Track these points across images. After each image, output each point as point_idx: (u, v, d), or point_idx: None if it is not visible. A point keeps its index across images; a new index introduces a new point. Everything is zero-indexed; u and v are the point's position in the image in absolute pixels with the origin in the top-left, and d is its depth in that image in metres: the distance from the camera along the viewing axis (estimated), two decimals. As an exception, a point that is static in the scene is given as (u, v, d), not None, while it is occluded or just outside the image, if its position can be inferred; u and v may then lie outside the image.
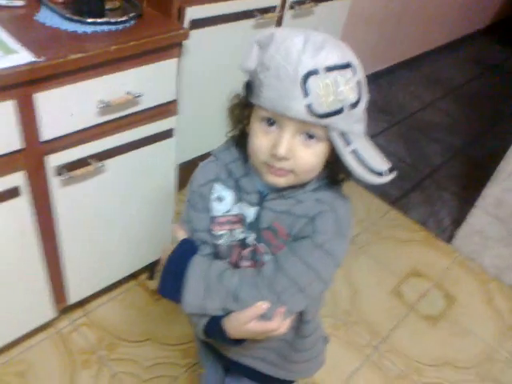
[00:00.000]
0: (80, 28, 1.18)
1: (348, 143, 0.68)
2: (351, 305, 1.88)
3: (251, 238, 0.80)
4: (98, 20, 1.19)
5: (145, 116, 1.30)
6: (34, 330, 1.52)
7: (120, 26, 1.21)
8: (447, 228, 2.31)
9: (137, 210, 1.47)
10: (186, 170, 1.44)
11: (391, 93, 3.32)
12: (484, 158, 2.70)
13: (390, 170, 0.71)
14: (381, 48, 3.17)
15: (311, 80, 0.63)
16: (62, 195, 1.23)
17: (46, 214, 1.23)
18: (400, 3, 3.03)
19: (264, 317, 0.75)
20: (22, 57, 1.03)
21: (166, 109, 1.34)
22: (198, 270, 0.78)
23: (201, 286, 0.77)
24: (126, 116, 1.25)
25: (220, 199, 0.81)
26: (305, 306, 0.80)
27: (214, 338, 0.81)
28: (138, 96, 1.22)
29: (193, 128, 1.48)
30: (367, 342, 1.75)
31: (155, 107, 1.31)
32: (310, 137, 0.69)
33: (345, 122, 0.67)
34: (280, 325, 0.76)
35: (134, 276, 1.76)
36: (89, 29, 1.18)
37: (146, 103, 1.27)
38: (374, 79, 3.28)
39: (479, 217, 2.10)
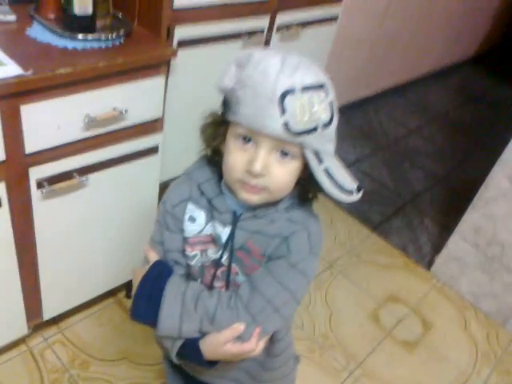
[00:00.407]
0: (70, 44, 1.18)
1: (321, 161, 0.70)
2: (328, 328, 1.88)
3: (224, 258, 0.81)
4: (88, 37, 1.20)
5: (130, 132, 1.30)
6: (5, 346, 1.49)
7: (109, 43, 1.22)
8: (427, 254, 2.34)
9: (118, 226, 1.46)
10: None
11: (377, 119, 3.38)
12: (465, 186, 2.74)
13: (359, 189, 0.74)
14: (368, 74, 3.23)
15: (288, 99, 0.65)
16: (43, 208, 1.22)
17: (25, 227, 1.22)
18: (388, 30, 3.10)
19: (240, 338, 0.75)
20: (10, 69, 1.03)
21: (151, 126, 1.35)
22: (174, 291, 0.77)
23: (177, 308, 0.76)
24: (112, 131, 1.26)
25: (192, 219, 0.81)
26: (280, 325, 0.81)
27: (189, 360, 0.80)
28: (124, 112, 1.22)
29: (178, 146, 1.48)
30: (343, 367, 1.75)
31: (141, 124, 1.31)
32: (285, 154, 0.70)
33: (318, 140, 0.69)
34: (256, 346, 0.77)
35: (112, 293, 1.74)
36: (79, 45, 1.19)
37: (131, 119, 1.28)
38: (359, 105, 3.33)
39: (457, 243, 2.13)
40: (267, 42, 1.64)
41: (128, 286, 1.71)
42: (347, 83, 3.03)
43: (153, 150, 1.40)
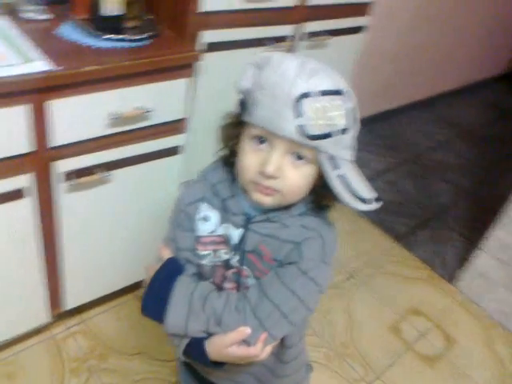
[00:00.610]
0: (98, 43, 1.22)
1: (336, 167, 0.70)
2: (348, 337, 1.85)
3: (235, 259, 0.81)
4: (115, 37, 1.24)
5: (153, 131, 1.33)
6: (29, 333, 1.53)
7: (136, 44, 1.26)
8: (451, 268, 2.29)
9: (138, 222, 1.49)
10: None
11: (404, 131, 3.34)
12: (492, 201, 2.67)
13: (376, 200, 0.73)
14: (395, 86, 3.21)
15: (304, 102, 0.66)
16: (67, 201, 1.26)
17: (48, 219, 1.26)
18: (417, 42, 3.07)
19: (246, 342, 0.75)
20: (38, 65, 1.08)
21: (174, 126, 1.38)
22: (183, 290, 0.78)
23: (184, 307, 0.76)
24: (135, 130, 1.29)
25: (205, 219, 0.82)
26: (288, 332, 0.80)
27: (195, 359, 0.80)
28: (148, 111, 1.25)
29: (204, 147, 1.50)
30: (360, 377, 1.72)
31: (164, 124, 1.34)
32: (299, 158, 0.70)
33: (333, 146, 0.69)
34: (261, 351, 0.76)
35: (132, 288, 1.76)
36: (106, 44, 1.23)
37: (155, 119, 1.31)
38: (387, 116, 3.32)
39: (483, 259, 2.08)
40: (293, 50, 1.66)
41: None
42: (374, 94, 3.02)
43: (174, 151, 1.42)
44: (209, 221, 0.82)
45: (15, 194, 1.16)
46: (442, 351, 1.90)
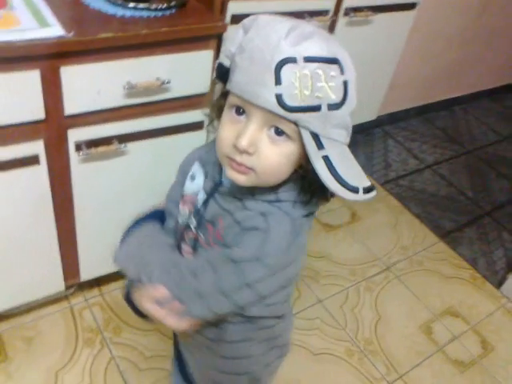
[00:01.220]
0: (120, 11, 1.20)
1: (320, 147, 0.61)
2: (373, 332, 1.77)
3: (193, 224, 0.77)
4: (139, 5, 1.21)
5: (173, 105, 1.30)
6: (49, 301, 1.57)
7: (159, 13, 1.22)
8: (499, 271, 2.13)
9: (157, 197, 1.46)
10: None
11: (465, 122, 3.14)
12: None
13: (368, 190, 0.64)
14: (459, 73, 2.99)
15: (286, 68, 0.58)
16: (81, 171, 1.25)
17: (63, 187, 1.26)
18: (487, 26, 2.84)
19: (158, 302, 0.73)
20: (53, 30, 1.06)
21: (197, 100, 1.33)
22: (143, 233, 0.80)
23: (132, 247, 0.78)
24: (154, 102, 1.26)
25: (192, 178, 0.80)
26: (207, 315, 0.74)
27: (129, 304, 0.81)
28: (167, 83, 1.22)
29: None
30: (382, 376, 1.64)
31: (185, 97, 1.30)
32: (279, 133, 0.63)
33: (320, 122, 0.61)
34: (166, 318, 0.74)
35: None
36: (128, 13, 1.20)
37: (175, 92, 1.27)
38: (446, 105, 3.12)
39: (534, 264, 1.91)
40: (332, 26, 1.56)
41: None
42: (435, 81, 2.84)
43: (197, 126, 1.38)
44: (194, 180, 0.80)
45: (31, 160, 1.17)
46: (476, 358, 1.78)
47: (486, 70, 3.18)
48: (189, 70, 1.26)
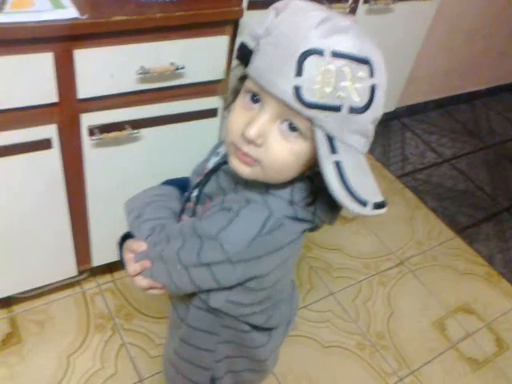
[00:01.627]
0: (138, -6, 1.18)
1: (333, 151, 0.57)
2: (385, 327, 1.75)
3: (194, 194, 0.77)
4: (155, -12, 1.19)
5: (188, 91, 1.28)
6: (62, 286, 1.57)
7: (176, -3, 1.20)
8: (516, 268, 2.09)
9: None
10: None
11: (485, 116, 3.07)
12: None
13: (379, 206, 0.59)
14: (482, 66, 2.92)
15: (310, 59, 0.54)
16: (94, 156, 1.25)
17: (76, 171, 1.26)
18: (511, 20, 2.77)
19: (135, 257, 0.75)
20: (67, 12, 1.05)
21: (212, 87, 1.32)
22: (157, 191, 0.84)
23: (141, 200, 0.82)
24: (168, 88, 1.24)
25: (216, 154, 0.80)
26: (167, 282, 0.72)
27: (119, 250, 0.82)
28: (181, 68, 1.20)
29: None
30: (393, 371, 1.62)
31: (200, 84, 1.29)
32: (292, 129, 0.59)
33: (337, 124, 0.56)
34: (134, 273, 0.75)
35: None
36: (146, -4, 1.18)
37: (189, 78, 1.25)
38: (467, 99, 3.06)
39: (552, 261, 1.87)
40: (351, 14, 1.53)
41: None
42: (456, 73, 2.77)
43: (212, 113, 1.37)
44: (217, 157, 0.79)
45: (44, 144, 1.16)
46: (490, 356, 1.75)
47: (508, 63, 3.10)
48: (204, 56, 1.25)
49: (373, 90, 0.56)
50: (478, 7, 2.49)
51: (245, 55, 0.63)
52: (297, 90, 0.54)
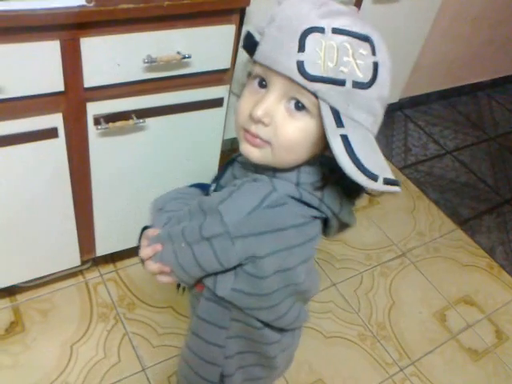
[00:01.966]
0: (144, -18, 1.17)
1: (339, 125, 0.58)
2: (386, 318, 1.75)
3: (212, 188, 0.78)
4: (161, -24, 1.18)
5: (194, 80, 1.27)
6: (65, 275, 1.57)
7: (182, -15, 1.19)
8: (517, 260, 2.10)
9: (176, 174, 1.45)
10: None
11: (489, 107, 3.06)
12: None
13: (390, 183, 0.59)
14: (487, 56, 2.90)
15: (312, 36, 0.56)
16: (99, 145, 1.24)
17: (81, 161, 1.25)
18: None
19: (149, 242, 0.75)
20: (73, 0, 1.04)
21: (218, 77, 1.31)
22: (186, 190, 0.84)
23: (167, 196, 0.83)
24: (174, 77, 1.23)
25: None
26: (174, 264, 0.72)
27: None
28: (188, 57, 1.19)
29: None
30: (394, 361, 1.63)
31: (206, 73, 1.28)
32: (299, 107, 0.60)
33: (342, 99, 0.58)
34: (145, 256, 0.74)
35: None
36: (150, -17, 1.17)
37: (196, 67, 1.24)
38: (470, 90, 3.04)
39: (554, 254, 1.88)
40: (358, 3, 1.52)
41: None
42: (456, 64, 2.76)
43: (217, 103, 1.36)
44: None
45: (50, 133, 1.16)
46: (490, 347, 1.76)
47: (512, 54, 3.09)
48: (210, 45, 1.23)
49: (376, 67, 0.58)
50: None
51: (251, 44, 0.65)
52: (300, 65, 0.57)
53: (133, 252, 1.65)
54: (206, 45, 1.23)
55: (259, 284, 0.70)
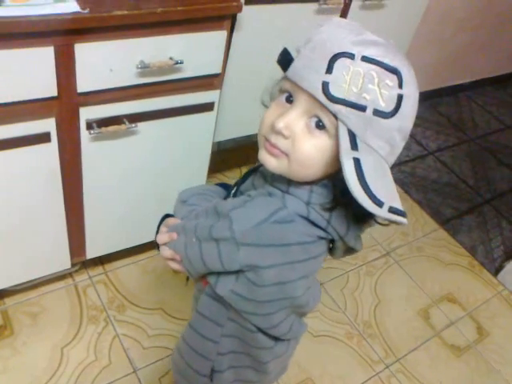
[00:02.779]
0: (136, -12, 1.17)
1: (354, 147, 0.60)
2: (372, 316, 1.79)
3: (233, 191, 0.81)
4: (156, -18, 1.19)
5: (185, 85, 1.29)
6: (53, 278, 1.57)
7: (178, -9, 1.20)
8: (497, 259, 2.16)
9: (166, 177, 1.46)
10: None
11: (469, 109, 3.13)
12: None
13: (396, 212, 0.60)
14: (466, 59, 2.97)
15: (341, 60, 0.59)
16: (91, 150, 1.25)
17: (73, 165, 1.25)
18: (498, 12, 2.81)
19: (167, 230, 0.80)
20: (69, 6, 1.04)
21: (208, 81, 1.33)
22: (212, 188, 0.87)
23: (193, 190, 0.86)
24: (166, 82, 1.25)
25: None
26: (183, 254, 0.76)
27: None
28: (180, 63, 1.20)
29: (236, 106, 1.45)
30: (380, 359, 1.67)
31: (197, 78, 1.29)
32: (319, 126, 0.63)
33: (361, 124, 0.60)
34: (160, 242, 0.80)
35: (157, 244, 1.77)
36: (145, -11, 1.18)
37: (188, 72, 1.26)
38: (451, 92, 3.11)
39: (533, 253, 1.94)
40: (345, 10, 1.54)
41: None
42: (441, 66, 2.82)
43: (208, 107, 1.37)
44: None
45: (42, 138, 1.16)
46: (471, 343, 1.81)
47: (492, 57, 3.16)
48: (202, 51, 1.25)
49: (400, 99, 0.60)
50: (465, 2, 2.53)
51: (285, 61, 0.66)
52: (324, 85, 0.59)
53: (122, 254, 1.67)
54: (198, 50, 1.24)
55: (257, 291, 0.73)
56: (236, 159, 2.23)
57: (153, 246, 0.84)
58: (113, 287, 1.63)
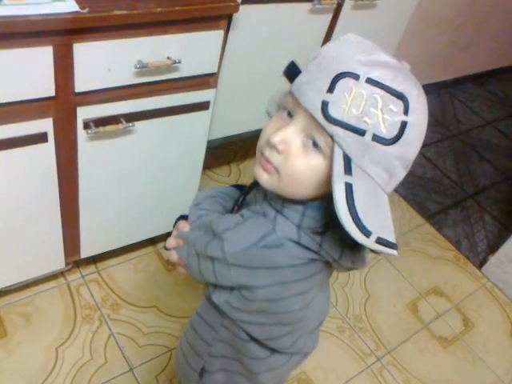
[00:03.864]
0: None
1: (347, 172, 0.56)
2: (363, 310, 1.83)
3: (241, 199, 0.81)
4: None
5: (182, 84, 1.29)
6: (46, 277, 1.56)
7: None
8: (481, 252, 2.21)
9: (162, 176, 1.46)
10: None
11: (451, 105, 3.19)
12: (534, 187, 2.57)
13: (384, 243, 0.57)
14: (448, 57, 3.03)
15: (345, 80, 0.56)
16: (88, 149, 1.24)
17: (69, 165, 1.25)
18: (479, 12, 2.87)
19: (177, 235, 0.82)
20: (67, 5, 1.03)
21: (204, 80, 1.33)
22: (225, 190, 0.87)
23: (207, 192, 0.87)
24: (163, 81, 1.25)
25: None
26: (186, 261, 0.78)
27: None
28: (178, 62, 1.20)
29: (230, 105, 1.46)
30: (371, 351, 1.71)
31: (194, 77, 1.29)
32: (315, 145, 0.60)
33: (358, 149, 0.57)
34: (168, 246, 0.82)
35: (152, 242, 1.77)
36: (142, -11, 1.17)
37: (185, 71, 1.26)
38: (434, 89, 3.16)
39: (516, 246, 1.99)
40: (337, 10, 1.56)
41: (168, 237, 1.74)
42: (424, 64, 2.86)
43: (204, 106, 1.38)
44: None
45: (39, 138, 1.15)
46: (457, 334, 1.86)
47: (473, 54, 3.22)
48: (199, 50, 1.25)
49: (403, 126, 0.57)
50: (449, 3, 2.57)
51: (291, 73, 0.64)
52: (324, 105, 0.56)
53: (115, 252, 1.66)
54: (195, 50, 1.24)
55: (250, 305, 0.75)
56: (224, 156, 2.24)
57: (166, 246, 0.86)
58: (106, 286, 1.63)
